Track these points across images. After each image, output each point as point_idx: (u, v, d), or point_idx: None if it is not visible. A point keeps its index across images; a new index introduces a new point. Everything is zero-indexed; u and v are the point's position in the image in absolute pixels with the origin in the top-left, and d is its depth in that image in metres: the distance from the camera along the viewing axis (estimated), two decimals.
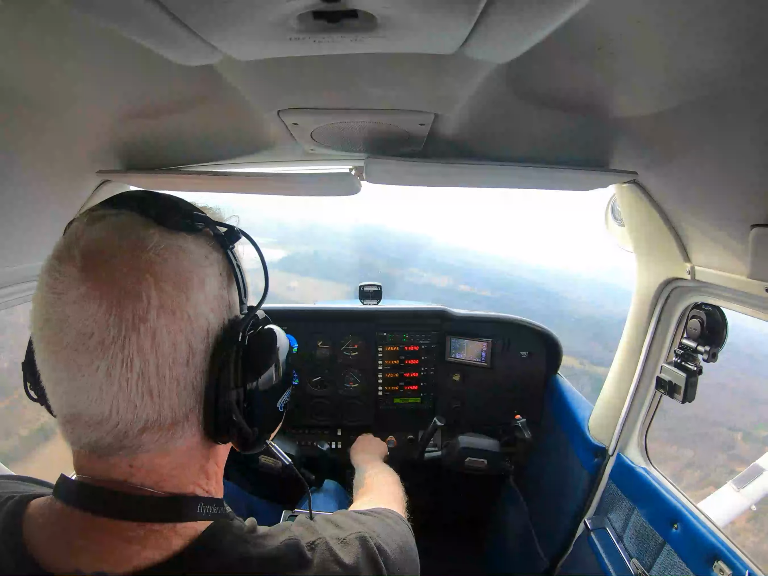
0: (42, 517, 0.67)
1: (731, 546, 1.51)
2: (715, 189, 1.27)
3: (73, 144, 1.38)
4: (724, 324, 1.67)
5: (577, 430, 2.38)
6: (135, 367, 0.61)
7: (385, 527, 0.93)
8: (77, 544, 0.64)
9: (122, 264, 0.61)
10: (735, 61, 0.80)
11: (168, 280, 0.63)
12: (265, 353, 0.78)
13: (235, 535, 0.71)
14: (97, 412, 0.62)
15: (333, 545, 0.77)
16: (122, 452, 0.65)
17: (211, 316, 0.69)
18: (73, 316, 0.59)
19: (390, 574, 0.81)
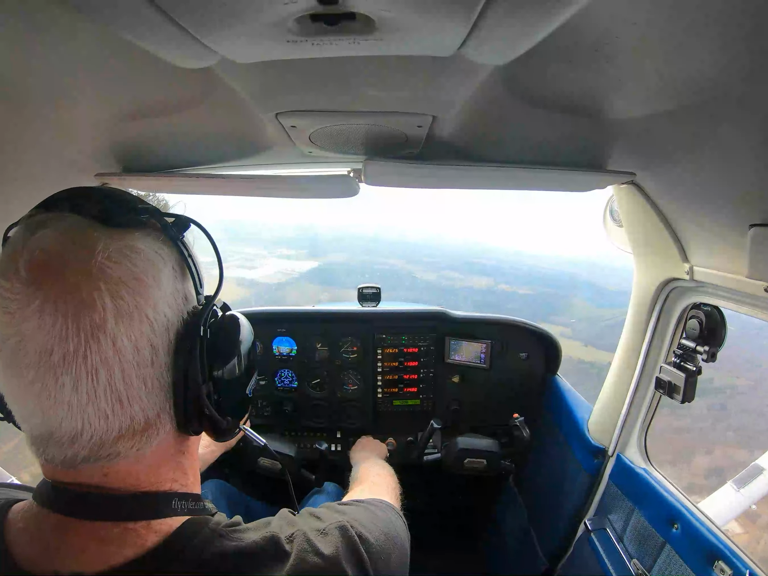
0: (22, 521, 0.68)
1: (732, 546, 1.51)
2: (713, 189, 1.27)
3: (71, 147, 1.38)
4: (723, 324, 1.67)
5: (576, 430, 2.38)
6: (101, 377, 0.60)
7: (368, 515, 0.93)
8: (53, 546, 0.64)
9: (72, 274, 0.59)
10: (732, 64, 0.81)
11: (121, 284, 0.61)
12: (228, 341, 0.78)
13: (212, 530, 0.71)
14: (69, 429, 0.61)
15: (312, 536, 0.77)
16: (97, 463, 0.64)
17: (169, 311, 0.67)
18: (30, 334, 0.57)
19: (373, 561, 0.81)
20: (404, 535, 0.98)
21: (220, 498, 2.01)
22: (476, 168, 1.47)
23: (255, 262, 40.25)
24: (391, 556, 0.87)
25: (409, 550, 0.98)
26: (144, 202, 0.73)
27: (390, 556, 0.86)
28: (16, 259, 0.59)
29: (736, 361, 17.98)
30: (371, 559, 0.80)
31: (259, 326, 2.78)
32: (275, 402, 2.90)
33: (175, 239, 0.72)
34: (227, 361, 0.77)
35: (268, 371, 2.87)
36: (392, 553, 0.88)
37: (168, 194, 1.84)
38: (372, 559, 0.80)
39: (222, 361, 0.76)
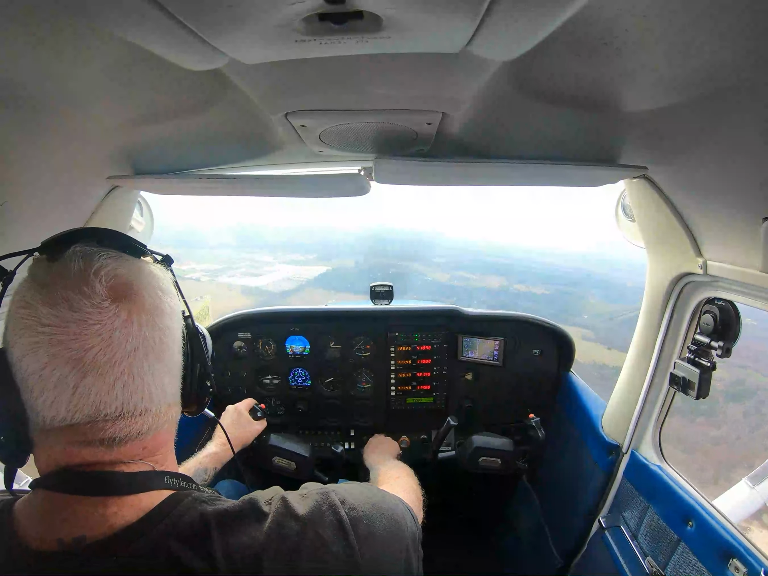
0: (29, 507, 0.78)
1: (746, 543, 1.49)
2: (726, 182, 1.26)
3: (84, 150, 1.40)
4: (738, 319, 1.65)
5: (590, 427, 2.37)
6: (166, 364, 0.82)
7: (360, 488, 1.01)
8: (60, 519, 0.74)
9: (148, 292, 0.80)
10: (744, 54, 0.80)
11: (169, 295, 0.86)
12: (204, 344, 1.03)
13: (194, 498, 0.82)
14: (144, 404, 0.78)
15: (290, 499, 0.88)
16: (147, 436, 0.80)
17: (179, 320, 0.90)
18: (118, 338, 0.74)
19: (354, 523, 0.86)
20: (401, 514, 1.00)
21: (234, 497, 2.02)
22: (486, 164, 1.47)
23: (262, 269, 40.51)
24: (377, 523, 0.90)
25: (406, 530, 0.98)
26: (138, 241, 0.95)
27: (375, 523, 0.90)
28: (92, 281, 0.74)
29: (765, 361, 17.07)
30: (352, 522, 0.86)
31: (273, 326, 2.83)
32: (289, 401, 2.92)
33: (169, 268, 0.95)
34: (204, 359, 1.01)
35: (281, 370, 2.89)
36: (378, 521, 0.91)
37: (180, 195, 1.86)
38: (353, 522, 0.86)
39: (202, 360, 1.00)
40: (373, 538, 0.87)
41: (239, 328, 2.84)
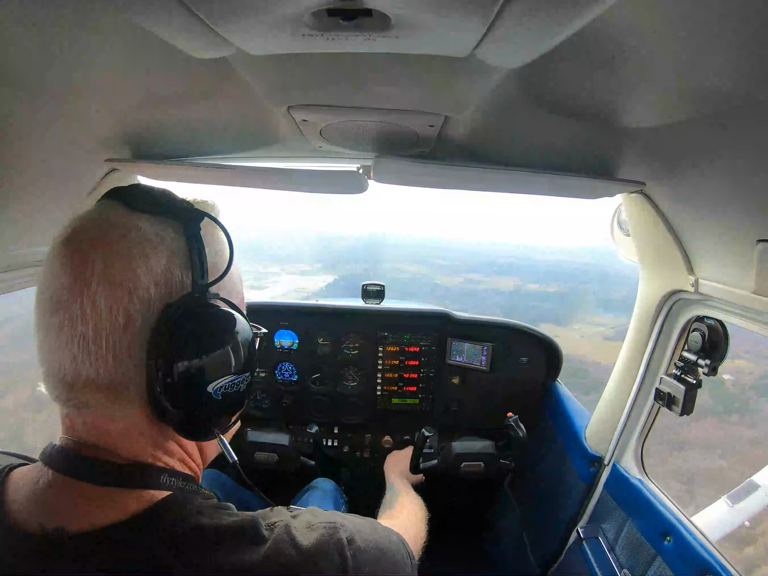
0: (22, 479, 0.75)
1: (722, 561, 1.51)
2: (722, 203, 1.26)
3: (83, 131, 1.38)
4: (726, 338, 1.67)
5: (574, 438, 2.38)
6: (77, 327, 0.68)
7: (370, 527, 0.92)
8: (45, 500, 0.71)
9: (86, 242, 0.71)
10: (751, 74, 0.80)
11: (113, 254, 0.70)
12: (198, 332, 0.75)
13: (194, 506, 0.74)
14: (52, 364, 0.70)
15: (294, 528, 0.78)
16: (72, 405, 0.73)
17: (154, 290, 0.72)
18: (49, 283, 0.70)
19: (357, 568, 0.78)
20: (403, 562, 0.94)
21: (213, 488, 2.01)
22: (486, 170, 1.46)
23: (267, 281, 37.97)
24: (378, 570, 0.84)
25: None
26: (175, 197, 0.83)
27: (377, 570, 0.84)
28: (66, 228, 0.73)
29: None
30: (355, 565, 0.78)
31: (262, 318, 2.80)
32: (274, 395, 2.91)
33: (187, 229, 0.78)
34: (190, 351, 0.74)
35: (268, 364, 2.88)
36: (380, 568, 0.85)
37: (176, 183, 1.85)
38: (356, 565, 0.78)
39: (184, 350, 0.73)
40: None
41: None
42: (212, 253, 0.81)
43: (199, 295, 0.76)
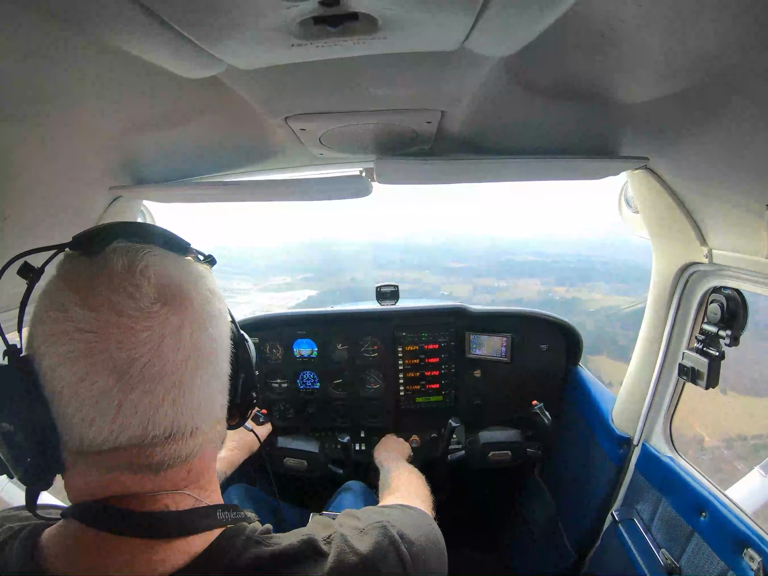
0: (60, 543, 0.69)
1: (760, 532, 1.49)
2: (729, 170, 1.25)
3: (84, 161, 1.40)
4: (745, 307, 1.64)
5: (600, 421, 2.36)
6: (220, 375, 0.75)
7: (408, 517, 0.95)
8: (102, 564, 0.65)
9: (199, 295, 0.72)
10: (742, 37, 0.79)
11: (215, 296, 0.76)
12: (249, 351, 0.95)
13: (247, 537, 0.73)
14: (191, 425, 0.69)
15: (349, 537, 0.79)
16: (194, 457, 0.72)
17: (227, 320, 0.81)
18: (168, 348, 0.65)
19: (414, 561, 0.82)
20: (442, 542, 0.99)
21: (246, 502, 2.03)
22: (488, 161, 1.47)
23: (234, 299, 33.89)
24: (431, 558, 0.88)
25: (446, 557, 0.98)
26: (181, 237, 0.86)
27: (430, 558, 0.88)
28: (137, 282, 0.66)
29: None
30: (412, 559, 0.82)
31: (280, 329, 2.84)
32: (298, 404, 2.92)
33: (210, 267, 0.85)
34: (252, 363, 0.94)
35: (289, 373, 2.89)
36: (431, 556, 0.89)
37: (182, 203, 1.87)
38: (413, 559, 0.82)
39: (253, 363, 0.94)
40: (428, 572, 0.86)
41: (246, 333, 2.83)
42: None
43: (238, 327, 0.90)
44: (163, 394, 0.65)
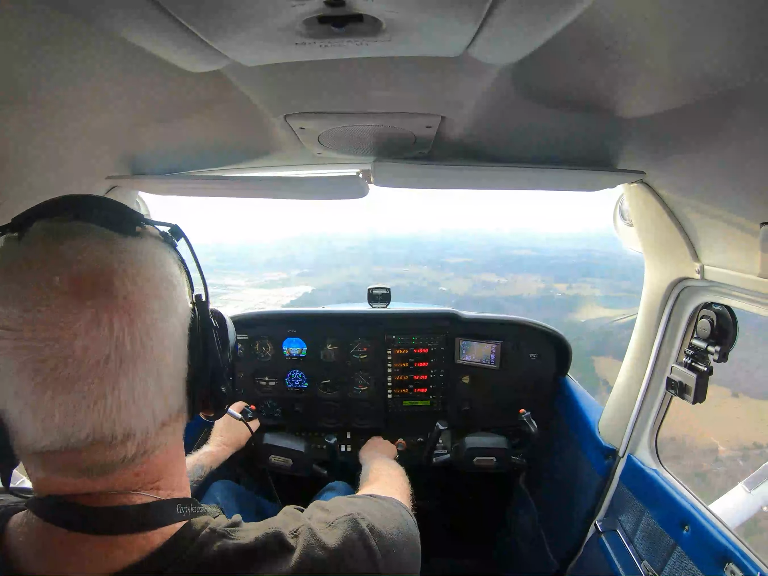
0: (22, 535, 0.67)
1: (742, 548, 1.49)
2: (724, 187, 1.26)
3: (82, 151, 1.39)
4: (735, 324, 1.66)
5: (587, 431, 2.37)
6: (152, 373, 0.64)
7: (380, 509, 0.93)
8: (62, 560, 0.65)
9: (120, 282, 0.62)
10: (744, 59, 0.80)
11: (161, 286, 0.67)
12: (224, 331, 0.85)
13: (212, 530, 0.72)
14: (123, 429, 0.63)
15: (317, 530, 0.78)
16: (134, 463, 0.67)
17: (181, 308, 0.72)
18: (82, 347, 0.58)
19: (384, 554, 0.80)
20: (416, 533, 0.98)
21: (230, 498, 2.02)
22: (485, 168, 1.47)
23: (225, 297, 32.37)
24: (403, 550, 0.87)
25: (420, 548, 0.97)
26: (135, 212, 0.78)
27: (402, 551, 0.86)
28: (50, 271, 0.59)
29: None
30: (382, 552, 0.80)
31: (269, 327, 2.83)
32: (285, 402, 2.91)
33: (174, 246, 0.77)
34: (226, 347, 0.84)
35: (278, 372, 2.88)
36: (404, 548, 0.87)
37: (177, 197, 1.86)
38: (383, 552, 0.80)
39: (223, 348, 0.82)
40: (400, 566, 0.85)
41: (237, 330, 2.82)
42: None
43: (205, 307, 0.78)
44: (78, 398, 0.59)
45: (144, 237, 0.71)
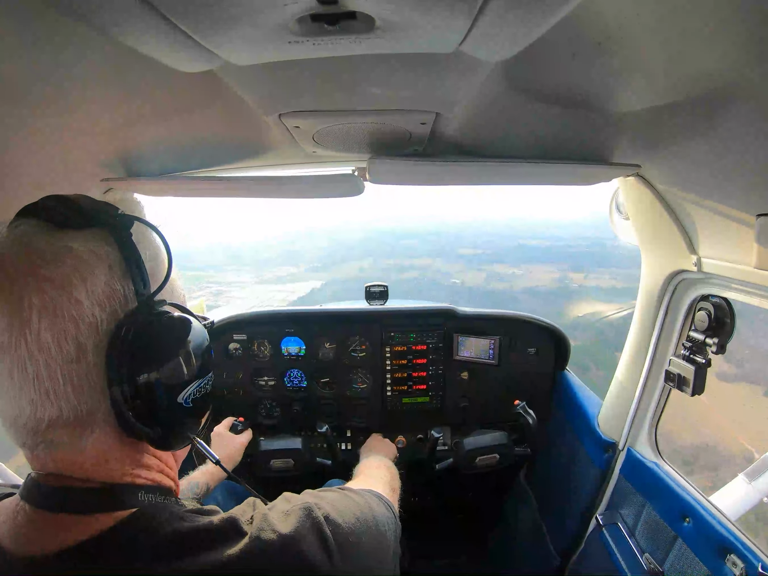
0: (3, 514, 0.73)
1: (743, 539, 1.50)
2: (720, 179, 1.26)
3: (76, 152, 1.39)
4: (732, 315, 1.66)
5: (586, 425, 2.37)
6: (28, 369, 0.64)
7: (343, 499, 0.93)
8: (22, 533, 0.69)
9: (7, 273, 0.64)
10: (737, 54, 0.80)
11: (48, 282, 0.64)
12: (154, 344, 0.74)
13: (171, 513, 0.74)
14: (9, 412, 0.67)
15: (272, 517, 0.78)
16: (41, 448, 0.69)
17: (99, 311, 0.68)
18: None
19: (339, 543, 0.79)
20: (384, 520, 0.97)
21: (228, 499, 2.02)
22: (480, 164, 1.47)
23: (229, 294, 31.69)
24: (362, 539, 0.86)
25: (392, 537, 0.97)
26: (100, 204, 0.78)
27: (361, 539, 0.85)
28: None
29: None
30: (337, 540, 0.79)
31: (268, 327, 2.82)
32: (285, 402, 2.91)
33: (119, 237, 0.74)
34: (152, 365, 0.72)
35: (277, 371, 2.88)
36: (363, 536, 0.86)
37: (173, 197, 1.86)
38: (338, 541, 0.79)
39: (145, 366, 0.71)
40: (358, 556, 0.83)
41: (234, 330, 2.83)
42: (148, 258, 0.77)
43: (147, 308, 0.74)
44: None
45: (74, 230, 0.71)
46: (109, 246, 0.72)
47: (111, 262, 0.71)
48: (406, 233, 67.61)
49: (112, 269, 0.71)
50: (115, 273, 0.71)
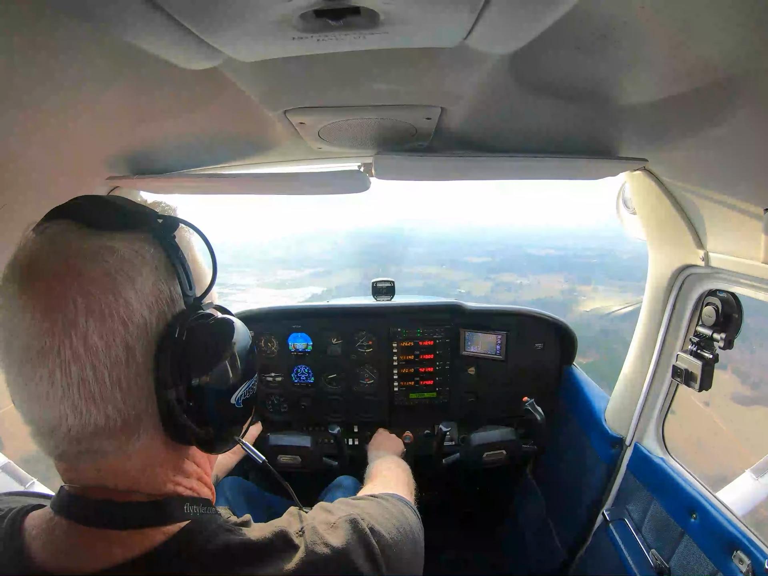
0: (36, 527, 0.70)
1: (750, 535, 1.50)
2: (728, 174, 1.25)
3: (83, 151, 1.39)
4: (739, 310, 1.65)
5: (593, 421, 2.37)
6: (73, 373, 0.61)
7: (380, 508, 0.94)
8: (63, 550, 0.67)
9: (48, 273, 0.62)
10: (745, 44, 0.79)
11: (94, 283, 0.63)
12: (211, 346, 0.74)
13: (218, 525, 0.73)
14: (48, 421, 0.63)
15: (321, 530, 0.78)
16: (84, 457, 0.67)
17: (147, 313, 0.67)
18: (16, 331, 0.61)
19: (385, 554, 0.81)
20: (417, 528, 0.98)
21: (238, 495, 2.03)
22: (487, 159, 1.46)
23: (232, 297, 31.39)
24: (404, 548, 0.87)
25: (422, 543, 0.98)
26: (138, 206, 0.77)
27: (402, 549, 0.87)
28: (14, 264, 0.65)
29: None
30: (383, 552, 0.81)
31: (275, 323, 2.83)
32: (292, 398, 2.93)
33: (162, 239, 0.72)
34: (207, 367, 0.72)
35: (284, 368, 2.89)
36: (404, 546, 0.88)
37: (179, 195, 1.86)
38: (384, 552, 0.81)
39: (201, 368, 0.72)
40: (400, 564, 0.85)
41: None
42: (190, 260, 0.76)
43: (195, 309, 0.74)
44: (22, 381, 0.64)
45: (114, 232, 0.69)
46: (152, 247, 0.71)
47: (157, 264, 0.70)
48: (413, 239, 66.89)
49: (158, 270, 0.70)
50: (161, 274, 0.71)
